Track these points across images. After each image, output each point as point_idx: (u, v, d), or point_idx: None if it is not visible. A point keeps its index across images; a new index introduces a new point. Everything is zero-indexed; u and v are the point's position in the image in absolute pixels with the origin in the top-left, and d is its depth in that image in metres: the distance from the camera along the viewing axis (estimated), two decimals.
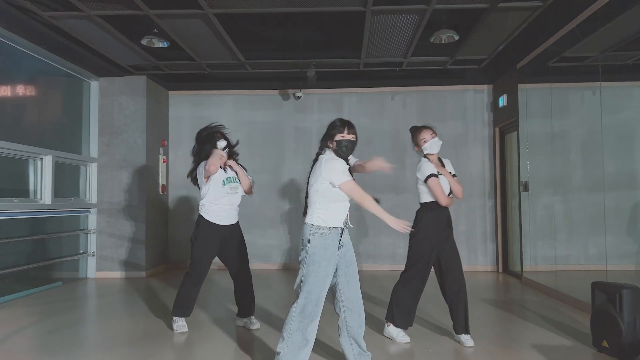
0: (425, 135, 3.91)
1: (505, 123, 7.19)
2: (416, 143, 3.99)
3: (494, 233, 7.55)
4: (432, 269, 3.96)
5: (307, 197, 3.11)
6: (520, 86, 6.50)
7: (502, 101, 7.11)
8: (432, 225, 3.88)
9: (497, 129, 7.55)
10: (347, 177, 3.01)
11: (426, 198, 3.91)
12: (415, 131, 4.02)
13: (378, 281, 6.65)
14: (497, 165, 7.52)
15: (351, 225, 3.18)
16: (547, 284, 5.82)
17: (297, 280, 3.04)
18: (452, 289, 3.89)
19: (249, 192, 4.34)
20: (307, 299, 2.97)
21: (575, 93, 5.72)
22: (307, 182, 3.12)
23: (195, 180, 4.26)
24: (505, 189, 7.44)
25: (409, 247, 3.98)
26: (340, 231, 3.09)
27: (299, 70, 6.79)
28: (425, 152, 3.94)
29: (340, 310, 3.14)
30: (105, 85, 7.12)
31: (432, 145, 3.89)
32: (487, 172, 7.63)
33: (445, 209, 3.92)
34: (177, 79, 7.71)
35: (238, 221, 4.34)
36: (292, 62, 6.53)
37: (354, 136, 3.10)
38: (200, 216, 4.17)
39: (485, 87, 7.70)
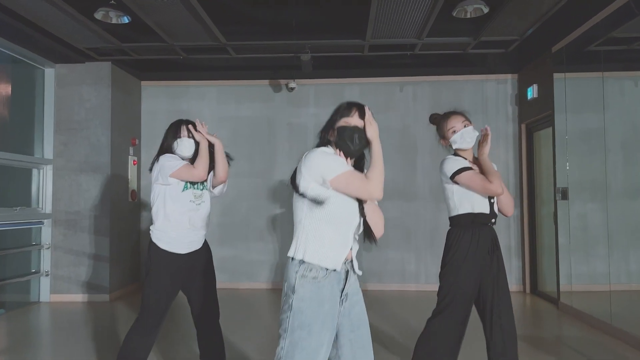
0: (455, 123, 2.88)
1: (534, 119, 6.12)
2: (442, 135, 2.94)
3: (520, 247, 6.48)
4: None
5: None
6: (557, 75, 5.42)
7: (532, 92, 6.02)
8: (471, 248, 2.79)
9: (523, 126, 6.47)
10: (344, 166, 1.97)
11: (458, 209, 2.84)
12: (441, 119, 2.98)
13: (386, 306, 5.57)
14: (523, 168, 6.45)
15: (360, 272, 2.09)
16: (593, 313, 4.75)
17: (278, 350, 1.92)
18: (496, 340, 2.80)
19: (223, 179, 3.06)
20: None
21: (621, 83, 4.73)
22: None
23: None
24: (533, 195, 6.37)
25: (441, 279, 2.89)
26: (344, 275, 2.01)
27: (291, 56, 5.70)
28: (455, 147, 2.87)
29: None
30: (62, 72, 6.02)
31: (463, 136, 2.83)
32: (512, 176, 6.55)
33: (488, 225, 2.83)
34: (150, 67, 6.61)
35: (205, 240, 3.14)
36: (283, 44, 5.44)
37: (362, 125, 2.04)
38: (151, 242, 2.95)
39: (509, 76, 6.62)
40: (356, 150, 2.06)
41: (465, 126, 2.86)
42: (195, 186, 2.99)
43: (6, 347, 4.14)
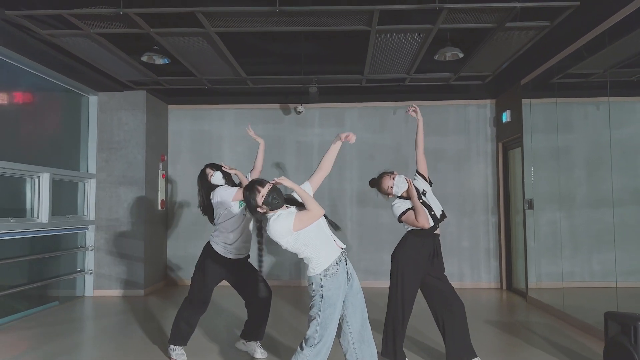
0: (388, 180, 3.78)
1: (508, 139, 7.12)
2: (384, 192, 3.86)
3: (498, 250, 7.45)
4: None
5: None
6: (524, 101, 6.43)
7: (506, 117, 7.04)
8: (415, 251, 3.77)
9: (500, 145, 7.47)
10: (290, 216, 2.84)
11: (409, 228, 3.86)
12: (378, 182, 3.86)
13: (383, 299, 6.53)
14: (500, 181, 7.44)
15: (343, 246, 3.06)
16: (553, 305, 5.72)
17: (313, 329, 2.89)
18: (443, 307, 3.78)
19: (257, 174, 4.32)
20: (324, 343, 2.87)
21: (579, 108, 5.66)
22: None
23: (206, 210, 4.11)
24: (508, 205, 7.36)
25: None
26: (344, 260, 3.00)
27: (300, 85, 6.71)
28: (398, 195, 3.81)
29: (349, 343, 3.04)
30: (104, 100, 7.03)
31: (398, 185, 3.73)
32: (491, 188, 7.54)
33: (430, 238, 3.78)
34: (177, 93, 7.61)
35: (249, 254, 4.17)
36: (293, 77, 6.44)
37: (270, 184, 2.92)
38: (209, 246, 4.01)
39: (488, 102, 7.63)
40: (281, 201, 2.90)
41: (393, 179, 3.74)
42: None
43: (61, 332, 5.09)
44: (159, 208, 7.44)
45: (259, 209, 2.91)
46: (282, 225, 2.82)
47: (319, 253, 2.89)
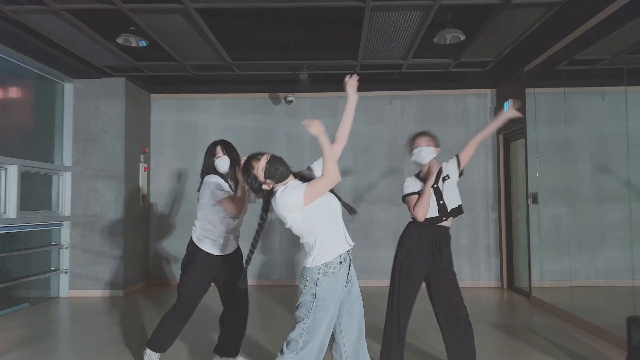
0: (420, 141, 3.45)
1: (510, 130, 6.74)
2: (410, 150, 3.54)
3: (499, 247, 7.09)
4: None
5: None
6: (528, 90, 6.05)
7: (507, 107, 6.63)
8: (413, 244, 3.38)
9: (501, 136, 7.10)
10: (300, 187, 2.46)
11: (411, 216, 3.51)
12: (413, 138, 3.54)
13: (378, 299, 6.15)
14: (501, 175, 7.07)
15: (352, 244, 2.63)
16: (559, 305, 5.36)
17: (298, 331, 2.46)
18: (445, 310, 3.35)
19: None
20: (309, 350, 2.44)
21: (588, 98, 5.32)
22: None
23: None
24: (510, 200, 6.99)
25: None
26: (348, 260, 2.58)
27: (290, 73, 6.30)
28: (412, 160, 3.50)
29: (341, 356, 2.62)
30: (80, 87, 6.58)
31: (420, 155, 3.40)
32: (491, 182, 7.17)
33: (432, 229, 3.36)
34: (160, 81, 7.18)
35: (239, 245, 3.67)
36: (283, 63, 6.03)
37: (267, 154, 2.57)
38: (192, 243, 3.50)
39: (488, 91, 7.25)
40: (287, 170, 2.56)
41: (426, 146, 3.37)
42: None
43: (31, 336, 4.67)
44: (140, 203, 7.01)
45: (264, 186, 2.54)
46: (291, 197, 2.43)
47: (324, 242, 2.48)
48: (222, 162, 3.53)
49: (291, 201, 2.44)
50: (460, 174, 3.52)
